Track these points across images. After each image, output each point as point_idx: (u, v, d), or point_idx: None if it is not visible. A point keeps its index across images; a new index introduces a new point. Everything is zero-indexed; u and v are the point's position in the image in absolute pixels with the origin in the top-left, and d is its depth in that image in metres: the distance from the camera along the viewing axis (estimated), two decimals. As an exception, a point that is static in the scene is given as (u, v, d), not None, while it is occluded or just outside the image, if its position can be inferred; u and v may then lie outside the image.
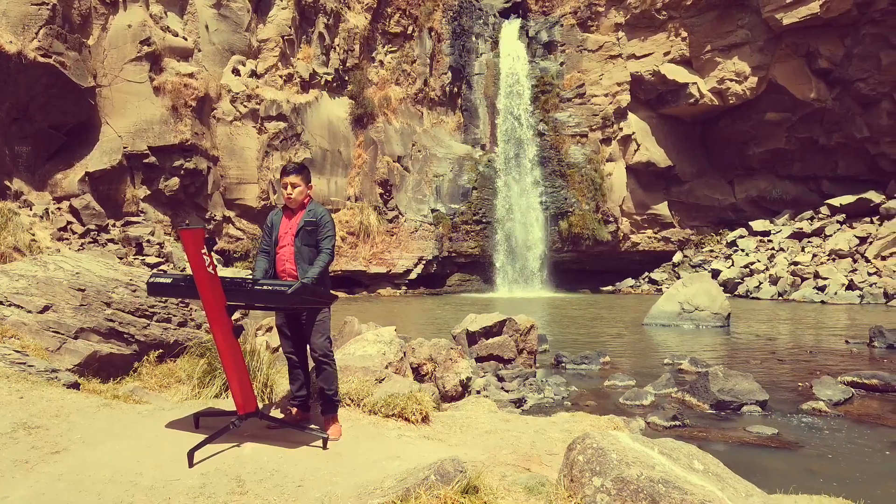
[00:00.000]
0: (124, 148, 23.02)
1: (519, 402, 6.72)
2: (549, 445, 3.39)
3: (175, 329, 6.44)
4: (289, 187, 4.18)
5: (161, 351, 6.15)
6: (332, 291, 3.87)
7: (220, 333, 2.70)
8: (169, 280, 2.95)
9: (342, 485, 2.79)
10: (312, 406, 4.14)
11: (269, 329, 9.60)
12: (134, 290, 6.51)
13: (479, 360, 8.37)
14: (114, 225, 22.85)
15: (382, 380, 4.05)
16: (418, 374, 6.84)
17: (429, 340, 7.23)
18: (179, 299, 7.07)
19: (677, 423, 5.98)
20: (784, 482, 4.80)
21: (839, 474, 4.84)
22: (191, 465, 2.91)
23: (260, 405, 4.17)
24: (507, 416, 3.85)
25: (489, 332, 8.79)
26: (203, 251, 2.50)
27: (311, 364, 4.04)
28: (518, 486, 2.58)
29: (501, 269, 29.15)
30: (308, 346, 4.00)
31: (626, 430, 3.77)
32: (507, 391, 7.30)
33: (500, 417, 3.77)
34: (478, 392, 7.12)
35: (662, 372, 8.97)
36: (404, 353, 6.52)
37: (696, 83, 29.22)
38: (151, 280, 3.14)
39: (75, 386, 4.59)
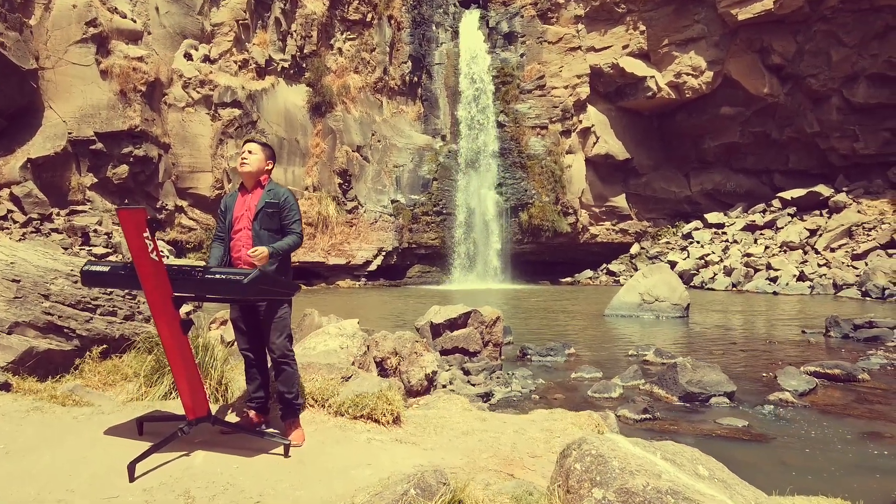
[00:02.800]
0: (69, 133, 22.02)
1: (486, 397, 6.51)
2: (530, 447, 3.15)
3: (121, 323, 6.00)
4: (246, 153, 3.79)
5: (105, 346, 5.71)
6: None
7: (167, 328, 2.32)
8: (106, 268, 2.53)
9: (307, 499, 2.49)
10: (272, 408, 3.79)
11: (224, 322, 9.17)
12: (75, 282, 6.05)
13: (443, 352, 8.14)
14: (58, 214, 21.87)
15: (349, 378, 3.75)
16: (382, 369, 6.56)
17: (393, 333, 6.95)
18: (125, 290, 6.63)
19: (648, 416, 5.86)
20: (758, 476, 4.69)
21: (813, 467, 4.76)
22: (132, 478, 2.54)
23: (213, 408, 3.80)
24: (483, 414, 3.61)
25: (454, 324, 8.55)
26: (145, 235, 2.13)
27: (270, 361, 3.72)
28: (505, 496, 2.33)
29: (462, 261, 29.00)
30: (267, 345, 3.61)
31: (605, 426, 3.59)
32: (473, 385, 7.09)
33: (475, 416, 3.52)
34: (444, 386, 6.88)
35: (627, 363, 8.90)
36: (367, 346, 6.23)
37: (653, 77, 29.48)
38: (86, 268, 2.72)
39: (5, 387, 4.18)
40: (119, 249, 20.97)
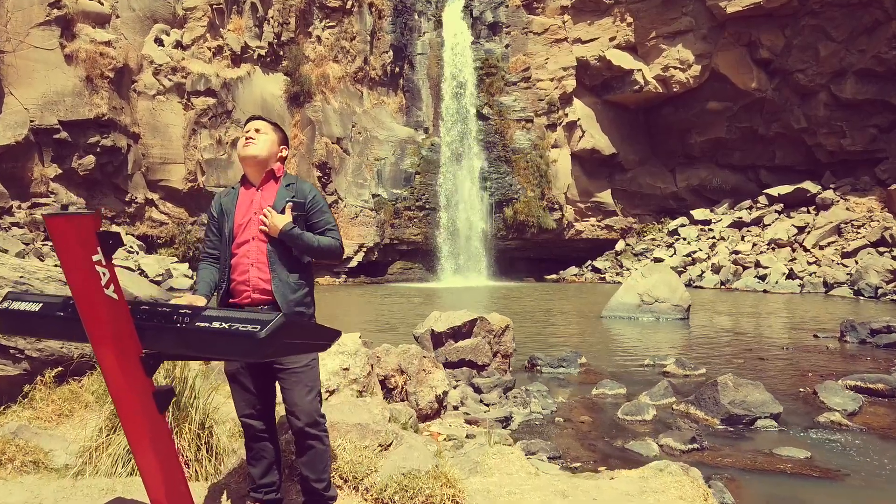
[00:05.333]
0: (31, 121, 20.78)
1: (505, 421, 5.72)
2: (648, 546, 2.38)
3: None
4: (251, 132, 2.79)
5: (61, 369, 4.81)
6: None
7: (131, 407, 1.37)
8: (35, 307, 1.52)
9: None
10: (288, 488, 2.80)
11: (201, 330, 8.25)
12: (26, 291, 5.13)
13: (448, 365, 7.33)
14: (19, 207, 20.64)
15: (389, 445, 2.88)
16: (386, 389, 5.75)
17: (396, 347, 6.13)
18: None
19: (695, 445, 5.12)
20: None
21: (908, 514, 4.05)
22: None
23: (198, 489, 2.84)
24: (559, 482, 2.79)
25: (458, 332, 7.75)
26: (96, 258, 1.23)
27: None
28: None
29: (445, 257, 28.19)
30: (287, 408, 2.56)
31: (713, 498, 2.81)
32: (486, 405, 6.30)
33: (550, 487, 2.70)
34: (455, 407, 6.09)
35: (649, 376, 8.20)
36: (371, 365, 5.41)
37: (640, 70, 28.92)
38: (2, 307, 1.76)
39: (-74, 434, 3.27)
40: (85, 245, 19.77)
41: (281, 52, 26.78)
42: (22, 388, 4.63)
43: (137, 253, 21.28)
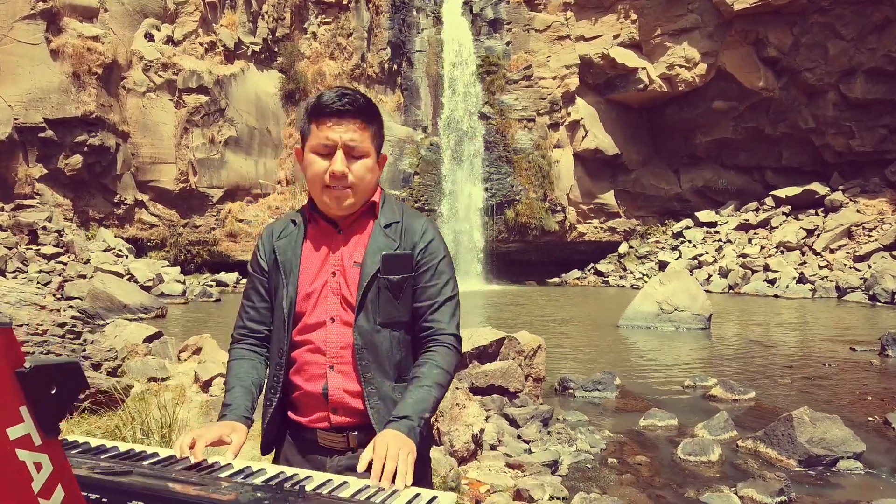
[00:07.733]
0: (15, 119, 19.88)
1: (553, 466, 4.95)
2: None
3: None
4: (342, 147, 1.65)
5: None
6: None
7: None
8: None
9: None
10: None
11: (198, 350, 7.45)
12: (-8, 318, 4.34)
13: (475, 391, 6.56)
14: (2, 209, 19.75)
15: None
16: (414, 427, 4.94)
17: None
18: (65, 326, 4.92)
19: (783, 498, 4.37)
20: None
21: None
22: None
23: None
24: None
25: (484, 353, 6.99)
26: (17, 433, 0.48)
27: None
28: None
29: (445, 260, 27.36)
30: None
31: None
32: (526, 442, 5.53)
33: None
34: (492, 447, 5.32)
35: (688, 397, 7.49)
36: (400, 403, 4.60)
37: (645, 68, 28.24)
38: None
39: None
40: (71, 248, 18.90)
41: (276, 49, 25.94)
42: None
43: (127, 256, 20.41)
